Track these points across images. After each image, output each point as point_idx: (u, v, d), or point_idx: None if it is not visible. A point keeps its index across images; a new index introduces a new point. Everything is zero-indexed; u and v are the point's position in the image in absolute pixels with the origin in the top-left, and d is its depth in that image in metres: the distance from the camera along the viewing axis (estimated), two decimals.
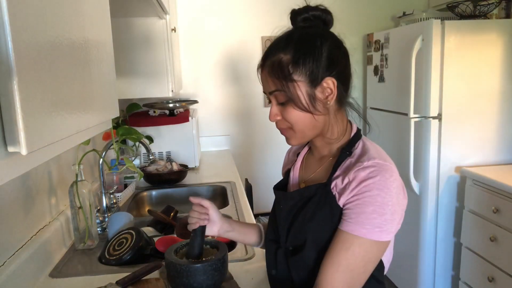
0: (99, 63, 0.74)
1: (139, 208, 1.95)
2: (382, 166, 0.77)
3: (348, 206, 0.77)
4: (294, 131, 0.84)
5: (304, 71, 0.79)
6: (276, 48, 0.83)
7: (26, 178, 1.18)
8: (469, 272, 2.18)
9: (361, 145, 0.85)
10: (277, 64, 0.81)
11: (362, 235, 0.75)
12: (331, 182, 0.82)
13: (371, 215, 0.75)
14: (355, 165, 0.79)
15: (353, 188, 0.77)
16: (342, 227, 0.77)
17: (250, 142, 2.96)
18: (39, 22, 0.49)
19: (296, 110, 0.81)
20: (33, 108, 0.46)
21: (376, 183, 0.75)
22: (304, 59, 0.79)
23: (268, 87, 0.84)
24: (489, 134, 2.23)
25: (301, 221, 0.84)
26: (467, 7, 2.22)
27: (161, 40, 1.91)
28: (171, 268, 0.91)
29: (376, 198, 0.75)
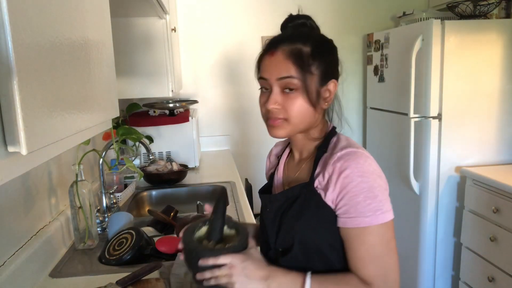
0: (99, 63, 0.74)
1: (139, 208, 1.95)
2: (354, 153, 0.79)
3: (341, 203, 0.78)
4: (288, 122, 0.84)
5: (319, 67, 0.82)
6: (292, 38, 0.83)
7: (26, 178, 1.18)
8: (469, 272, 2.18)
9: (334, 140, 0.88)
10: (298, 51, 0.81)
11: (368, 224, 0.76)
12: (313, 181, 0.83)
13: (365, 201, 0.76)
14: (330, 158, 0.81)
15: (335, 181, 0.78)
16: (347, 225, 0.78)
17: (250, 142, 2.96)
18: (39, 22, 0.49)
19: (302, 100, 0.81)
20: (33, 108, 0.46)
21: (354, 172, 0.77)
22: (321, 56, 0.83)
23: (278, 72, 0.82)
24: (489, 134, 2.23)
25: (288, 222, 0.85)
26: (467, 7, 2.22)
27: (161, 40, 1.91)
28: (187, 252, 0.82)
29: (361, 186, 0.76)
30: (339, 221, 0.80)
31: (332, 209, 0.80)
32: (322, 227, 0.81)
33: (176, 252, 1.19)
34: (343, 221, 0.79)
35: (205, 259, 0.77)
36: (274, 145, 1.10)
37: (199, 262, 0.78)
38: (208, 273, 0.77)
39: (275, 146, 1.09)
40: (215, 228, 0.85)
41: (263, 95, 0.87)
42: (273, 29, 0.90)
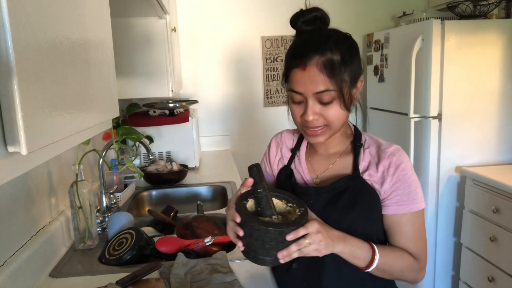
0: (99, 63, 0.74)
1: (139, 208, 1.95)
2: (401, 150, 0.90)
3: (396, 192, 0.87)
4: (329, 127, 0.87)
5: (350, 72, 0.84)
6: (320, 48, 0.82)
7: (26, 178, 1.18)
8: (469, 272, 2.18)
9: (367, 137, 0.95)
10: (330, 63, 0.81)
11: (418, 209, 0.88)
12: (359, 173, 0.90)
13: (416, 190, 0.88)
14: (381, 153, 0.89)
15: (392, 173, 0.87)
16: (400, 211, 0.88)
17: (250, 142, 2.96)
18: (39, 22, 0.49)
19: (339, 108, 0.85)
20: (33, 108, 0.46)
21: (407, 165, 0.88)
22: (351, 60, 0.84)
23: (314, 87, 0.82)
24: (489, 134, 2.23)
25: (338, 213, 0.88)
26: (467, 7, 2.22)
27: (161, 40, 1.91)
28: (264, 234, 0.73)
29: (412, 177, 0.88)
30: (388, 209, 0.89)
31: (380, 199, 0.89)
32: (373, 216, 0.89)
33: (177, 251, 1.19)
34: (395, 208, 0.88)
35: (296, 231, 0.73)
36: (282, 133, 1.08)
37: (288, 237, 0.72)
38: (294, 246, 0.74)
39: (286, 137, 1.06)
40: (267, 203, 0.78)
41: (296, 106, 0.88)
42: (273, 29, 0.90)
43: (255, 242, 0.74)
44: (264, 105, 2.89)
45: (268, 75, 2.85)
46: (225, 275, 1.06)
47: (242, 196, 0.82)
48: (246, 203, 0.81)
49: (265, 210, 0.78)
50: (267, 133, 2.94)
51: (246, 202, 0.81)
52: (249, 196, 0.82)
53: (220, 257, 1.15)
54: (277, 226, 0.73)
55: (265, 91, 2.87)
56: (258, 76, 2.86)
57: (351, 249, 0.82)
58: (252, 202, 0.82)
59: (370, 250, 0.84)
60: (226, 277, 1.05)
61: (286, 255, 0.74)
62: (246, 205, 0.80)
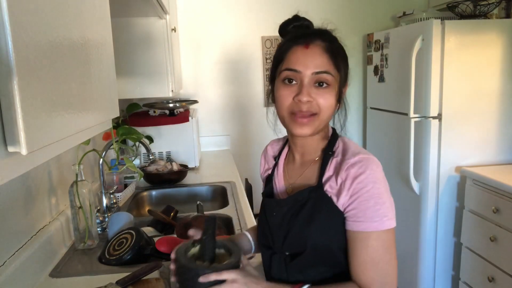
0: (99, 63, 0.74)
1: (139, 208, 1.95)
2: (367, 160, 0.80)
3: (351, 207, 0.79)
4: (318, 117, 0.82)
5: (344, 68, 0.85)
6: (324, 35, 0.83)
7: (26, 178, 1.18)
8: (469, 272, 2.18)
9: (341, 144, 0.88)
10: (332, 49, 0.82)
11: (375, 229, 0.77)
12: (323, 185, 0.83)
13: (375, 207, 0.77)
14: (343, 163, 0.82)
15: (348, 186, 0.79)
16: (354, 228, 0.79)
17: (251, 142, 2.96)
18: (39, 22, 0.49)
19: (333, 97, 0.82)
20: (33, 108, 0.46)
21: (368, 178, 0.78)
22: (345, 58, 0.86)
23: (316, 65, 0.80)
24: (489, 134, 2.23)
25: (298, 226, 0.84)
26: (467, 7, 2.22)
27: (161, 40, 1.91)
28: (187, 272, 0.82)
29: (373, 191, 0.78)
30: (346, 224, 0.81)
31: (342, 212, 0.81)
32: (333, 231, 0.82)
33: None
34: (351, 224, 0.80)
35: (207, 275, 0.77)
36: (269, 143, 1.08)
37: (200, 279, 0.77)
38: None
39: (271, 146, 1.06)
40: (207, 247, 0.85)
41: (287, 87, 0.83)
42: (273, 29, 0.90)
43: (178, 277, 0.83)
44: (264, 105, 2.88)
45: (268, 75, 2.84)
46: None
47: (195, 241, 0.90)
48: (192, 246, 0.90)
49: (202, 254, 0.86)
50: (267, 133, 2.94)
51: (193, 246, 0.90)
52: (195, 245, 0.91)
53: None
54: (192, 266, 0.80)
55: (265, 91, 2.86)
56: (258, 76, 2.86)
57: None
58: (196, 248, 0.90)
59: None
60: None
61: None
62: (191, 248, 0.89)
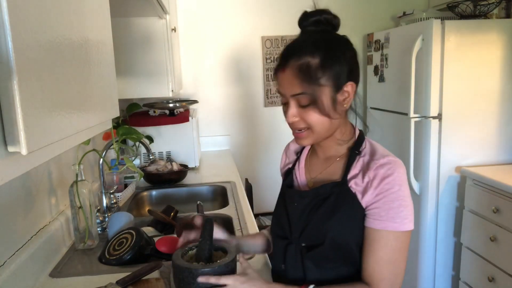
0: (99, 63, 0.74)
1: (139, 208, 1.95)
2: (395, 163, 0.84)
3: (375, 205, 0.82)
4: (312, 131, 0.86)
5: (331, 76, 0.82)
6: (302, 51, 0.82)
7: (26, 178, 1.18)
8: (469, 272, 2.18)
9: (368, 144, 0.91)
10: (305, 67, 0.81)
11: (395, 229, 0.81)
12: (347, 181, 0.86)
13: (399, 209, 0.81)
14: (371, 163, 0.85)
15: (376, 185, 0.82)
16: (374, 225, 0.82)
17: (250, 142, 2.96)
18: (39, 22, 0.49)
19: (317, 113, 0.83)
20: (33, 108, 0.46)
21: (395, 180, 0.81)
22: (332, 64, 0.82)
23: (291, 89, 0.83)
24: (489, 134, 2.23)
25: (319, 219, 0.86)
26: (467, 7, 2.22)
27: (161, 40, 1.91)
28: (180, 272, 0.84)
29: (398, 193, 0.81)
30: (367, 221, 0.83)
31: (364, 209, 0.84)
32: (353, 226, 0.84)
33: None
34: (371, 221, 0.82)
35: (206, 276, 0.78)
36: (291, 140, 1.09)
37: (199, 279, 0.78)
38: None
39: (293, 142, 1.09)
40: (204, 248, 0.87)
41: (284, 107, 0.88)
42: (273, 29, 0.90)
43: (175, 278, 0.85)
44: (264, 105, 2.88)
45: (268, 75, 2.85)
46: None
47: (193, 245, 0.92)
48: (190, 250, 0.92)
49: (198, 255, 0.87)
50: (267, 133, 2.94)
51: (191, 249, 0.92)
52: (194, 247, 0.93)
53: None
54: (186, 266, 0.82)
55: (265, 91, 2.87)
56: (258, 76, 2.86)
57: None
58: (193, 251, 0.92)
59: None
60: None
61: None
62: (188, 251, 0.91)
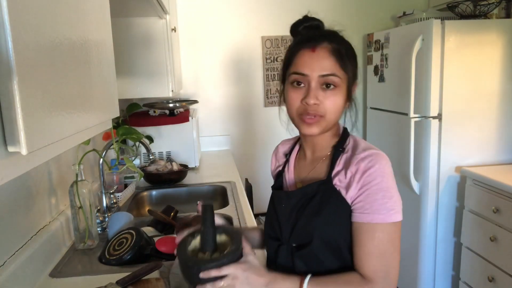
0: (99, 63, 0.74)
1: (139, 208, 1.95)
2: (377, 155, 0.83)
3: (359, 199, 0.82)
4: (324, 119, 0.85)
5: (352, 69, 0.87)
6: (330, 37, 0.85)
7: (26, 178, 1.18)
8: (469, 272, 2.18)
9: (351, 141, 0.91)
10: (338, 50, 0.84)
11: (381, 221, 0.80)
12: (332, 179, 0.86)
13: (383, 200, 0.80)
14: (352, 158, 0.85)
15: (358, 179, 0.82)
16: (361, 219, 0.82)
17: (250, 142, 2.96)
18: (39, 22, 0.49)
19: (341, 98, 0.85)
20: (33, 108, 0.46)
21: (377, 171, 0.81)
22: (353, 57, 0.87)
23: (323, 68, 0.83)
24: (489, 134, 2.23)
25: (306, 218, 0.86)
26: (467, 7, 2.22)
27: (161, 40, 1.91)
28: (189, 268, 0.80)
29: (381, 185, 0.81)
30: (353, 216, 0.83)
31: (349, 206, 0.84)
32: (340, 223, 0.84)
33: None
34: (357, 215, 0.82)
35: (207, 271, 0.76)
36: (280, 143, 1.10)
37: (200, 275, 0.76)
38: (209, 286, 0.76)
39: (282, 144, 1.09)
40: (207, 238, 0.84)
41: (295, 90, 0.86)
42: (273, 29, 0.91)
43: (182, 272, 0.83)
44: (264, 105, 2.88)
45: (268, 75, 2.85)
46: None
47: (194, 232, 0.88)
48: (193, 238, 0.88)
49: (203, 245, 0.84)
50: (267, 133, 2.94)
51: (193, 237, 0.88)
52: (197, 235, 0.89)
53: None
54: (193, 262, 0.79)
55: (265, 91, 2.87)
56: (258, 76, 2.86)
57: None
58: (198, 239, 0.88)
59: None
60: None
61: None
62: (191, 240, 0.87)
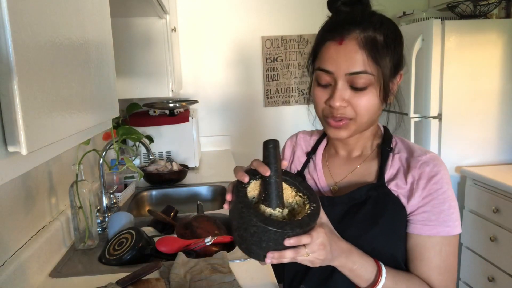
0: (99, 63, 0.74)
1: (139, 208, 1.95)
2: (439, 159, 0.76)
3: (423, 209, 0.73)
4: (355, 121, 0.74)
5: (392, 59, 0.73)
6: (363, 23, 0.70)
7: (26, 178, 1.18)
8: (469, 272, 2.18)
9: (398, 141, 0.83)
10: (372, 41, 0.69)
11: (448, 234, 0.73)
12: (386, 182, 0.76)
13: (449, 210, 0.73)
14: (412, 160, 0.76)
15: (423, 186, 0.73)
16: (426, 232, 0.73)
17: (250, 142, 2.96)
18: (39, 22, 0.49)
19: (375, 98, 0.72)
20: (33, 108, 0.46)
21: (443, 178, 0.74)
22: (395, 45, 0.72)
23: (348, 66, 0.70)
24: (489, 134, 2.23)
25: (356, 229, 0.76)
26: (467, 7, 2.22)
27: (161, 40, 1.91)
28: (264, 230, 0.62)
29: (447, 193, 0.73)
30: (412, 227, 0.74)
31: (407, 214, 0.75)
32: (397, 235, 0.76)
33: (177, 251, 1.19)
34: (420, 227, 0.73)
35: (296, 237, 0.61)
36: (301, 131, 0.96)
37: (286, 242, 0.61)
38: (290, 253, 0.62)
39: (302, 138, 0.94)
40: (277, 190, 0.66)
41: (321, 90, 0.75)
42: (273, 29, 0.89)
43: (250, 237, 0.63)
44: (264, 105, 2.88)
45: (268, 75, 2.85)
46: (224, 275, 1.06)
47: (247, 174, 0.69)
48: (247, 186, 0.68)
49: (270, 199, 0.66)
50: (267, 133, 2.94)
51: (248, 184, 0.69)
52: (255, 177, 0.69)
53: (220, 257, 1.15)
54: (279, 226, 0.61)
55: (265, 91, 2.86)
56: (258, 76, 2.86)
57: (353, 267, 0.70)
58: (256, 184, 0.70)
59: (375, 271, 0.71)
60: (225, 277, 1.05)
61: (277, 257, 0.63)
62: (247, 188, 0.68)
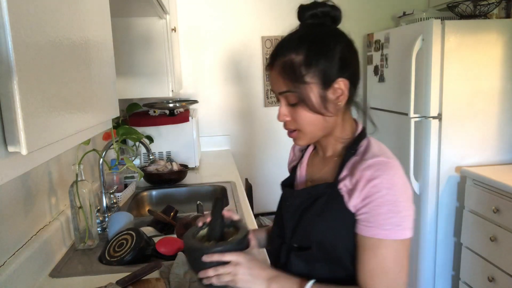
0: (99, 63, 0.74)
1: (139, 208, 1.95)
2: (386, 164, 0.77)
3: (363, 210, 0.76)
4: (303, 132, 0.83)
5: (317, 73, 0.78)
6: (287, 47, 0.80)
7: (26, 178, 1.18)
8: (469, 272, 2.18)
9: (365, 143, 0.85)
10: (289, 64, 0.79)
11: (385, 237, 0.74)
12: (338, 182, 0.81)
13: (388, 215, 0.74)
14: (359, 163, 0.79)
15: (361, 188, 0.76)
16: (363, 232, 0.76)
17: (250, 142, 2.96)
18: (39, 22, 0.49)
19: (307, 112, 0.80)
20: (33, 108, 0.46)
21: (383, 183, 0.74)
22: (317, 60, 0.78)
23: (278, 87, 0.82)
24: (489, 134, 2.23)
25: (308, 220, 0.84)
26: (467, 7, 2.22)
27: (161, 40, 1.91)
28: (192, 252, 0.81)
29: (387, 197, 0.74)
30: (357, 227, 0.78)
31: (353, 214, 0.78)
32: (341, 230, 0.80)
33: (176, 252, 1.19)
34: (361, 228, 0.77)
35: (210, 254, 0.76)
36: None
37: (203, 258, 0.77)
38: (211, 271, 0.76)
39: None
40: (215, 227, 0.85)
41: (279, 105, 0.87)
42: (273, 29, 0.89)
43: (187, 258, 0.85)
44: (264, 105, 2.88)
45: (268, 75, 2.85)
46: None
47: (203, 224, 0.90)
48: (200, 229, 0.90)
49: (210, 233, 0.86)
50: (267, 133, 2.94)
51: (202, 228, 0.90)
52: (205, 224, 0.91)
53: None
54: (197, 246, 0.80)
55: (265, 91, 2.86)
56: (258, 76, 2.86)
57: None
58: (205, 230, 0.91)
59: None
60: None
61: (203, 276, 0.78)
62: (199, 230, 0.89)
